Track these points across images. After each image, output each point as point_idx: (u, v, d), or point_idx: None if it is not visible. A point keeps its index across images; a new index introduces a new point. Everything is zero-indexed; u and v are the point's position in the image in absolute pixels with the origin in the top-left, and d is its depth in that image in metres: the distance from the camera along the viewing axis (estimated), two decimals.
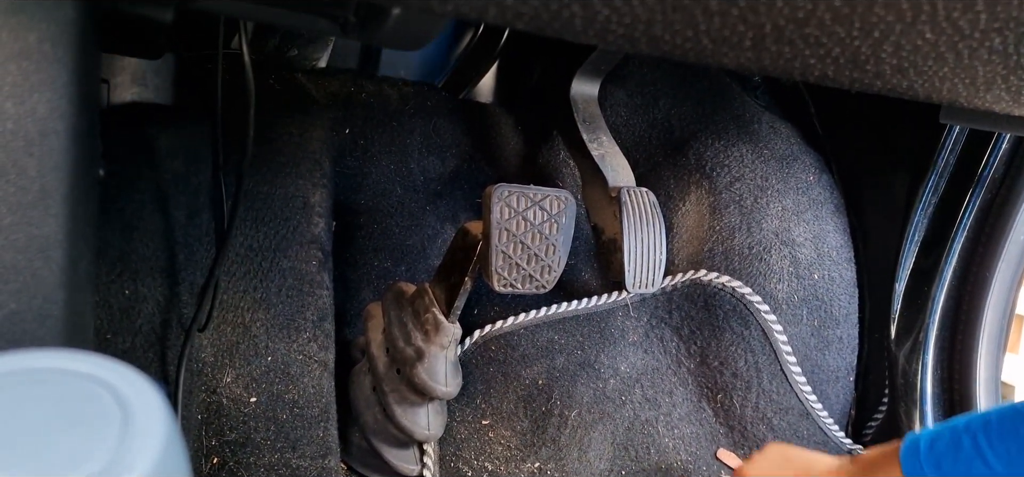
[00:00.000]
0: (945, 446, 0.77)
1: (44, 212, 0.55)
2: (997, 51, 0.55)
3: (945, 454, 0.76)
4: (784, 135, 1.27)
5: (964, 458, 0.75)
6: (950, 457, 0.76)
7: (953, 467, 0.76)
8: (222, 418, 0.97)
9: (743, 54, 0.54)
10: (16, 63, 0.51)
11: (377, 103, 1.37)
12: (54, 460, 0.41)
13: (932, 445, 0.78)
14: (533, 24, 0.49)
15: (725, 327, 1.13)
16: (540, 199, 0.88)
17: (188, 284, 1.01)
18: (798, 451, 0.97)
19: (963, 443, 0.75)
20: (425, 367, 0.94)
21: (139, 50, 0.97)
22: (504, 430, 1.09)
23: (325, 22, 0.71)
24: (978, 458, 0.74)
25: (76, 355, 0.47)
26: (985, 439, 0.74)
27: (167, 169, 1.05)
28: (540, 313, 1.16)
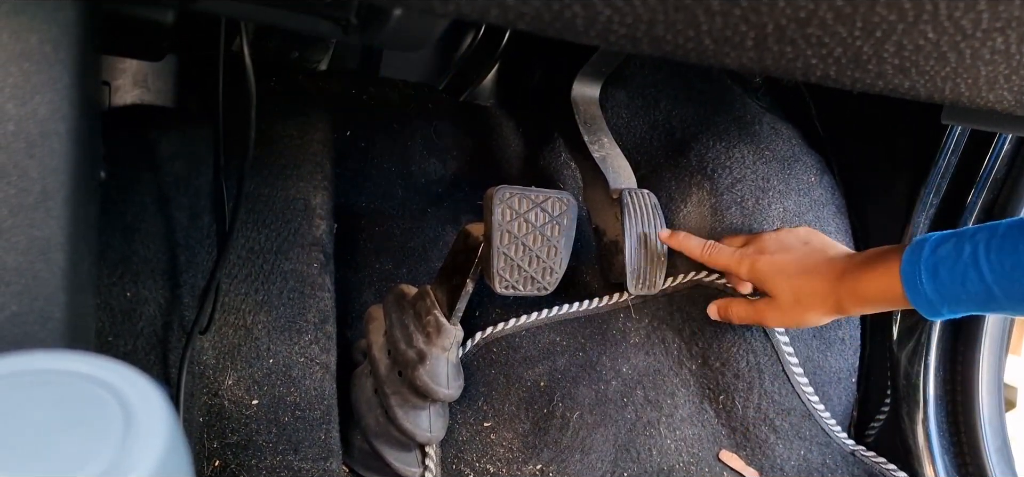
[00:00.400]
0: (948, 251, 0.77)
1: (45, 214, 0.55)
2: (999, 51, 0.55)
3: (944, 260, 0.77)
4: (785, 136, 1.27)
5: (961, 266, 0.75)
6: (948, 264, 0.76)
7: (949, 274, 0.76)
8: (224, 420, 0.97)
9: (745, 54, 0.54)
10: (17, 65, 0.51)
11: (378, 105, 1.37)
12: (56, 462, 0.40)
13: (936, 248, 0.78)
14: (534, 25, 0.49)
15: (726, 328, 1.13)
16: (541, 201, 0.88)
17: (189, 286, 1.01)
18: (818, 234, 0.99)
19: (964, 251, 0.75)
20: (427, 369, 0.94)
21: (140, 52, 0.97)
22: (506, 432, 1.09)
23: (326, 24, 0.71)
24: (973, 267, 0.74)
25: (78, 357, 0.47)
26: (984, 249, 0.74)
27: (168, 171, 1.05)
28: (542, 315, 1.16)
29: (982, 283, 0.73)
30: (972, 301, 0.75)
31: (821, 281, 0.90)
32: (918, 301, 0.80)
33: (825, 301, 0.90)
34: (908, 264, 0.80)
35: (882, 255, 0.85)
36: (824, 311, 0.91)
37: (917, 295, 0.79)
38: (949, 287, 0.76)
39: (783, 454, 1.12)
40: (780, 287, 0.94)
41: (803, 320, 0.94)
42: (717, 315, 1.05)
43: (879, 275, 0.84)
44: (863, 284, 0.86)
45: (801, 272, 0.92)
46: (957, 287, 0.75)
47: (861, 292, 0.86)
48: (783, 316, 0.95)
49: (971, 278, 0.74)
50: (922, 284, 0.78)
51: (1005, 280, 0.72)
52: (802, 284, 0.92)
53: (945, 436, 1.14)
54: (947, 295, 0.77)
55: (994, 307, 0.75)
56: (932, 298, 0.78)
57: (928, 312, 0.80)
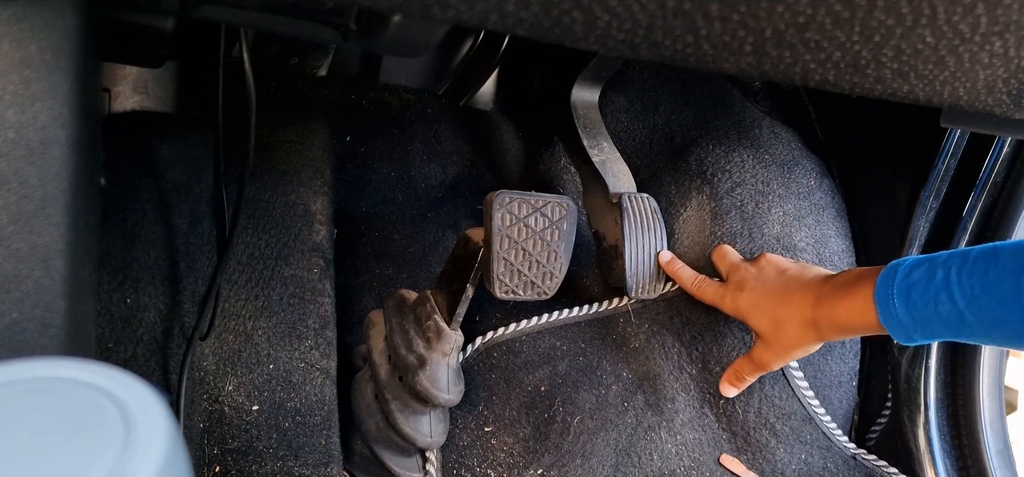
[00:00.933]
0: (921, 276, 0.76)
1: (45, 221, 0.55)
2: (998, 54, 0.55)
3: (917, 284, 0.76)
4: (785, 140, 1.27)
5: (932, 290, 0.74)
6: (920, 288, 0.76)
7: (921, 297, 0.75)
8: (224, 426, 0.97)
9: (743, 59, 0.54)
10: (17, 72, 0.51)
11: (378, 110, 1.37)
12: (56, 469, 0.40)
13: (909, 272, 0.78)
14: (533, 30, 0.50)
15: (727, 332, 1.13)
16: (541, 205, 0.88)
17: (190, 292, 1.01)
18: (789, 262, 0.99)
19: (936, 275, 0.75)
20: (427, 374, 0.94)
21: (140, 59, 0.97)
22: (506, 437, 1.09)
23: (326, 30, 0.71)
24: (945, 291, 0.74)
25: (78, 364, 0.47)
26: (956, 274, 0.73)
27: (168, 177, 1.05)
28: (542, 319, 1.16)
29: (954, 307, 0.73)
30: (944, 325, 0.75)
31: (797, 310, 0.90)
32: (892, 325, 0.79)
33: (805, 331, 0.90)
34: (882, 288, 0.80)
35: (856, 279, 0.85)
36: (808, 340, 0.92)
37: (890, 319, 0.79)
38: (921, 311, 0.76)
39: (784, 458, 1.12)
40: (761, 324, 0.95)
41: (790, 353, 0.95)
42: (732, 389, 1.07)
43: (853, 301, 0.84)
44: (838, 311, 0.86)
45: (778, 305, 0.93)
46: (929, 311, 0.75)
47: (837, 319, 0.86)
48: (774, 353, 0.96)
49: (943, 302, 0.74)
50: (895, 308, 0.78)
51: (975, 305, 0.72)
52: (780, 317, 0.92)
53: (946, 439, 1.14)
54: (919, 319, 0.76)
55: (966, 333, 0.75)
56: (905, 322, 0.78)
57: (901, 337, 0.79)
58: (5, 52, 0.51)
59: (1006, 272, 0.70)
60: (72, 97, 0.54)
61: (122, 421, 0.43)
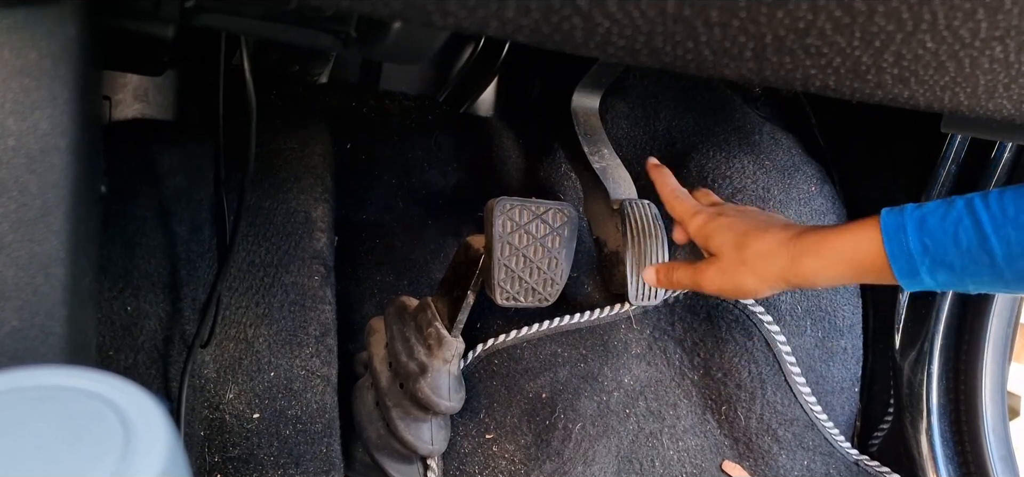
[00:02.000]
0: (935, 205, 0.69)
1: (46, 229, 0.55)
2: (998, 60, 0.55)
3: (933, 212, 0.68)
4: (785, 146, 1.27)
5: (953, 216, 0.67)
6: (938, 216, 0.68)
7: (939, 225, 0.67)
8: (225, 434, 0.96)
9: (744, 65, 0.54)
10: (18, 80, 0.51)
11: (378, 118, 1.38)
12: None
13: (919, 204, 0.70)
14: (533, 37, 0.50)
15: (728, 339, 1.13)
16: (542, 212, 0.88)
17: (190, 300, 1.01)
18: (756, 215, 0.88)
19: (956, 203, 0.67)
20: (428, 381, 0.93)
21: (141, 67, 0.97)
22: (508, 444, 1.09)
23: (326, 37, 0.71)
24: (969, 216, 0.66)
25: (78, 372, 0.47)
26: (981, 201, 0.66)
27: (169, 185, 1.05)
28: (543, 326, 1.16)
29: (978, 233, 0.65)
30: (961, 256, 0.66)
31: (771, 239, 0.79)
32: (898, 257, 0.69)
33: (771, 260, 0.79)
34: (891, 216, 0.71)
35: (849, 225, 0.76)
36: (770, 273, 0.79)
37: (898, 249, 0.69)
38: (938, 238, 0.67)
39: (786, 464, 1.12)
40: (724, 242, 0.83)
41: (742, 283, 0.82)
42: (655, 280, 0.93)
43: (846, 236, 0.74)
44: (825, 242, 0.76)
45: (751, 227, 0.82)
46: (947, 240, 0.67)
47: (821, 250, 0.76)
48: (721, 276, 0.83)
49: (965, 228, 0.66)
50: (906, 236, 0.69)
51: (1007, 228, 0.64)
52: (749, 239, 0.81)
53: (949, 445, 1.14)
54: (932, 249, 0.67)
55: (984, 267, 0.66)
56: (915, 252, 0.68)
57: (905, 272, 0.69)
58: (5, 60, 0.51)
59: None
60: (72, 105, 0.54)
61: (122, 429, 0.43)
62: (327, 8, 0.61)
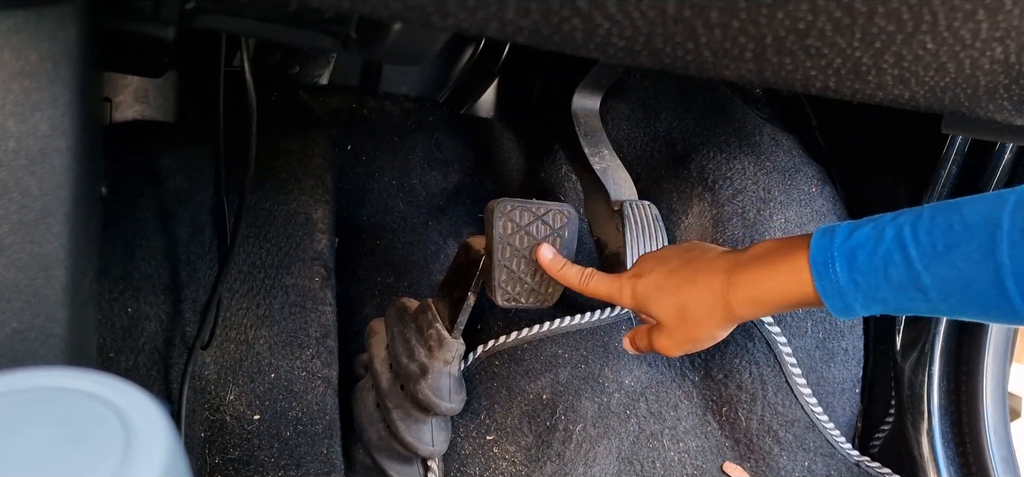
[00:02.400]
0: (867, 236, 0.65)
1: (46, 231, 0.55)
2: (999, 60, 0.55)
3: (863, 245, 0.65)
4: (786, 147, 1.27)
5: (882, 251, 0.64)
6: (867, 249, 0.65)
7: (868, 260, 0.64)
8: (226, 436, 0.96)
9: (744, 66, 0.54)
10: (18, 82, 0.51)
11: (379, 119, 1.38)
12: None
13: (852, 233, 0.67)
14: (534, 38, 0.50)
15: (729, 339, 1.13)
16: (543, 213, 0.88)
17: (191, 301, 1.01)
18: (703, 242, 0.85)
19: (886, 235, 0.64)
20: (429, 383, 0.93)
21: (141, 68, 0.97)
22: (509, 445, 1.08)
23: (327, 39, 0.72)
24: (898, 251, 0.63)
25: (79, 374, 0.47)
26: (910, 231, 0.63)
27: (169, 187, 1.05)
28: (544, 327, 1.16)
29: (908, 270, 0.62)
30: (893, 292, 0.64)
31: (703, 288, 0.77)
32: (829, 295, 0.68)
33: (712, 311, 0.77)
34: (819, 252, 0.68)
35: (779, 248, 0.73)
36: (716, 323, 0.78)
37: (828, 287, 0.67)
38: (867, 275, 0.65)
39: (787, 466, 1.12)
40: (662, 307, 0.81)
41: (695, 339, 0.80)
42: (631, 348, 0.91)
43: (776, 270, 0.72)
44: (759, 283, 0.73)
45: (681, 284, 0.80)
46: (877, 275, 0.64)
47: (756, 293, 0.74)
48: (672, 340, 0.82)
49: (895, 263, 0.63)
50: (835, 274, 0.67)
51: (935, 265, 0.61)
52: (684, 297, 0.79)
53: (950, 446, 1.14)
54: (864, 285, 0.65)
55: (917, 301, 0.64)
56: (846, 290, 0.66)
57: (838, 308, 0.68)
58: (6, 62, 0.51)
59: (976, 226, 0.60)
60: (73, 107, 0.54)
61: (123, 431, 0.43)
62: (327, 9, 0.61)
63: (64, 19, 0.52)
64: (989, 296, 0.60)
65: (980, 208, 0.60)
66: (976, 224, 0.60)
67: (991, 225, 0.59)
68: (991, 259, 0.59)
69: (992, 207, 0.60)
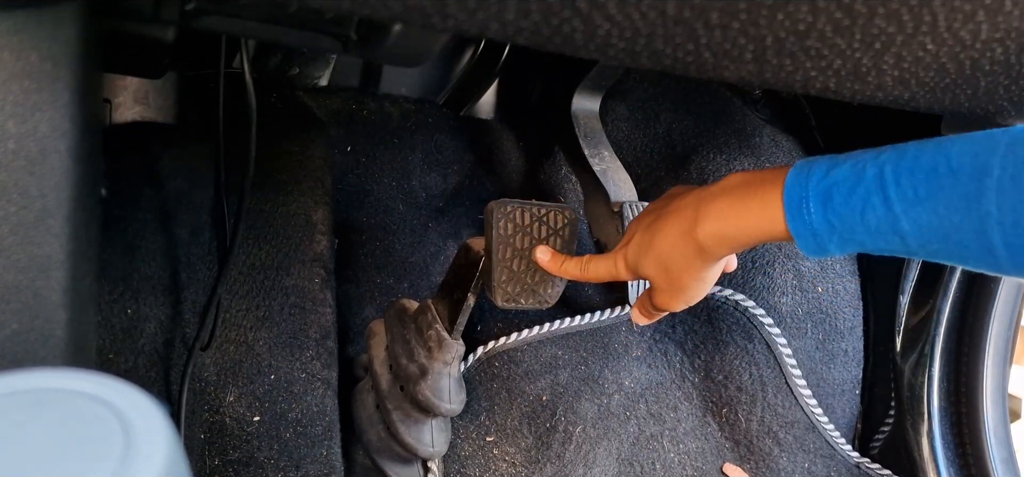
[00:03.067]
0: (845, 175, 0.62)
1: (46, 232, 0.55)
2: (998, 61, 0.55)
3: (840, 185, 0.62)
4: (786, 148, 1.27)
5: (861, 192, 0.60)
6: (845, 190, 0.61)
7: (845, 202, 0.61)
8: (225, 437, 0.96)
9: (744, 67, 0.54)
10: (18, 83, 0.51)
11: (378, 120, 1.38)
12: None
13: (829, 171, 0.63)
14: (534, 40, 0.50)
15: (729, 341, 1.13)
16: (542, 214, 0.88)
17: (190, 303, 1.00)
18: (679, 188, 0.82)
19: (866, 175, 0.61)
20: (429, 384, 0.93)
21: (141, 70, 0.97)
22: (508, 446, 1.08)
23: (327, 40, 0.72)
24: (878, 193, 0.60)
25: (78, 375, 0.47)
26: (892, 173, 0.59)
27: (169, 188, 1.05)
28: (543, 329, 1.16)
29: (888, 213, 0.59)
30: (869, 235, 0.61)
31: (673, 229, 0.74)
32: (802, 234, 0.64)
33: (685, 252, 0.73)
34: (793, 189, 0.64)
35: (751, 181, 0.69)
36: (694, 266, 0.74)
37: (802, 227, 0.64)
38: (844, 217, 0.61)
39: (787, 467, 1.12)
40: (647, 263, 0.77)
41: (682, 286, 0.77)
42: (639, 318, 0.88)
43: (747, 204, 0.68)
44: (726, 217, 0.69)
45: (655, 233, 0.76)
46: (854, 218, 0.61)
47: (723, 228, 0.69)
48: (665, 294, 0.79)
49: (873, 207, 0.59)
50: (809, 214, 0.63)
51: (916, 210, 0.58)
52: (659, 245, 0.75)
53: (950, 448, 1.14)
54: (839, 228, 0.62)
55: (894, 244, 0.61)
56: (820, 231, 0.63)
57: (811, 248, 0.64)
58: (5, 62, 0.51)
59: (962, 170, 0.56)
60: (73, 108, 0.54)
61: (122, 432, 0.43)
62: (327, 11, 0.61)
63: (64, 20, 0.52)
64: (971, 246, 0.57)
65: (968, 150, 0.57)
66: (962, 168, 0.56)
67: (979, 171, 0.55)
68: (976, 207, 0.55)
69: (981, 150, 0.56)
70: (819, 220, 0.63)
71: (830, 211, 0.62)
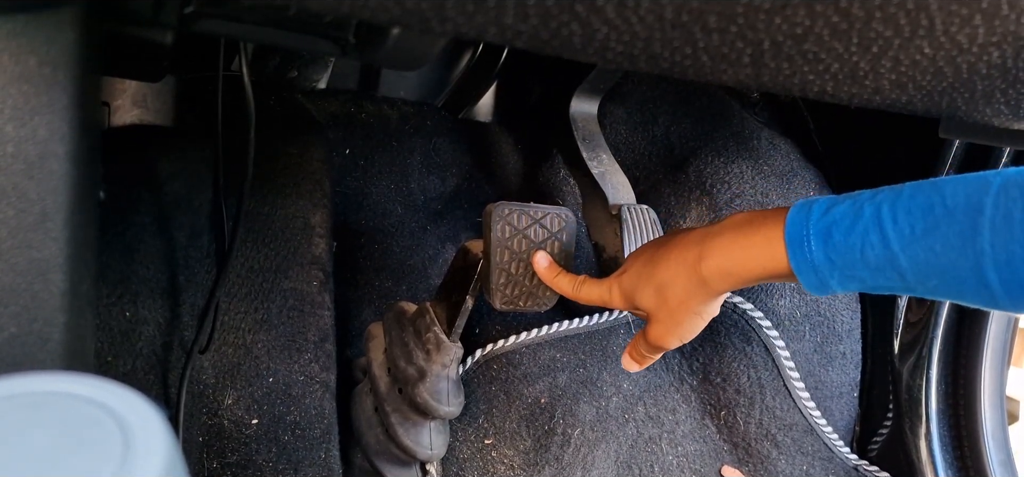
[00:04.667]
0: (844, 213, 0.64)
1: (44, 235, 0.55)
2: (995, 65, 0.55)
3: (839, 222, 0.64)
4: (783, 151, 1.27)
5: (859, 230, 0.62)
6: (844, 227, 0.63)
7: (845, 239, 0.63)
8: (223, 440, 0.96)
9: (742, 71, 0.54)
10: (17, 86, 0.51)
11: (377, 123, 1.38)
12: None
13: (829, 209, 0.65)
14: (532, 43, 0.50)
15: (727, 343, 1.13)
16: (541, 217, 0.88)
17: (189, 306, 1.00)
18: (678, 229, 0.81)
19: (864, 213, 0.63)
20: (427, 386, 0.93)
21: (140, 73, 0.97)
22: (507, 449, 1.08)
23: (325, 43, 0.72)
24: (876, 230, 0.62)
25: (76, 378, 0.47)
26: (889, 211, 0.61)
27: (168, 191, 1.05)
28: (542, 331, 1.16)
29: (886, 250, 0.61)
30: (869, 271, 0.63)
31: (676, 263, 0.75)
32: (803, 271, 0.66)
33: (687, 286, 0.75)
34: (794, 227, 0.66)
35: (753, 220, 0.71)
36: (694, 300, 0.75)
37: (803, 263, 0.66)
38: (844, 254, 0.63)
39: (785, 469, 1.12)
40: (644, 295, 0.79)
41: (679, 321, 0.78)
42: (631, 364, 0.89)
43: (750, 241, 0.70)
44: (731, 254, 0.71)
45: (656, 266, 0.77)
46: (854, 254, 0.63)
47: (730, 265, 0.71)
48: (665, 328, 0.79)
49: (872, 243, 0.61)
50: (810, 251, 0.65)
51: (914, 247, 0.60)
52: (660, 278, 0.76)
53: (948, 450, 1.14)
54: (840, 263, 0.64)
55: (894, 281, 0.62)
56: (821, 267, 0.65)
57: (813, 284, 0.66)
58: (4, 66, 0.51)
59: (957, 209, 0.58)
60: (71, 111, 0.54)
61: (121, 435, 0.43)
62: (326, 14, 0.61)
63: (62, 23, 0.52)
64: (968, 282, 0.58)
65: (962, 190, 0.59)
66: (957, 207, 0.58)
67: (973, 210, 0.57)
68: (971, 245, 0.57)
69: (974, 190, 0.58)
70: (820, 256, 0.65)
71: (830, 248, 0.64)
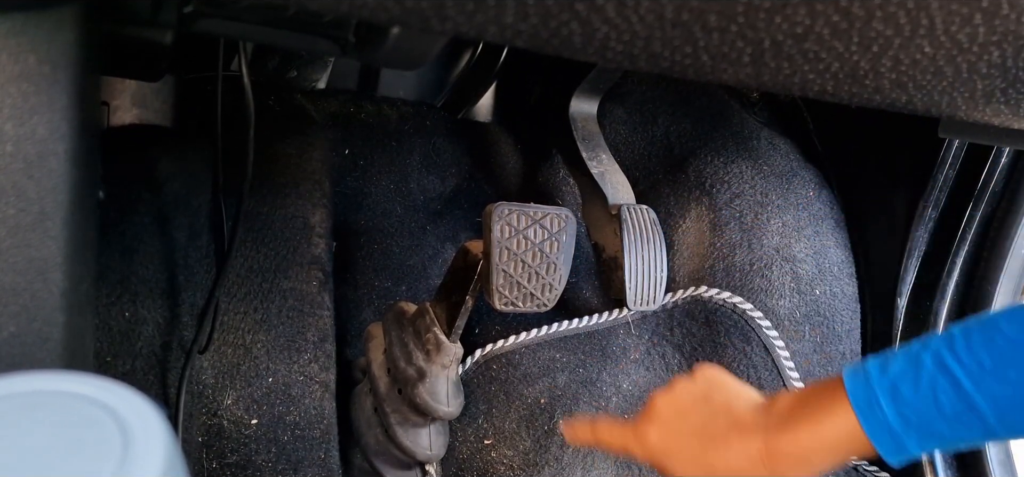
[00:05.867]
0: (903, 367, 0.61)
1: (43, 234, 0.55)
2: (995, 64, 0.55)
3: (903, 377, 0.61)
4: (783, 151, 1.27)
5: (925, 381, 0.59)
6: (909, 380, 0.60)
7: (913, 392, 0.60)
8: (223, 440, 0.96)
9: (742, 70, 0.54)
10: (16, 85, 0.51)
11: (376, 123, 1.38)
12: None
13: (884, 368, 0.62)
14: (532, 42, 0.50)
15: (727, 344, 1.13)
16: (540, 217, 0.88)
17: (188, 306, 1.00)
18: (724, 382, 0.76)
19: (924, 363, 0.60)
20: (427, 387, 0.93)
21: (139, 72, 0.97)
22: (506, 449, 1.08)
23: (325, 43, 0.72)
24: (944, 375, 0.59)
25: (76, 378, 0.47)
26: (949, 352, 0.59)
27: (167, 191, 1.05)
28: (541, 332, 1.15)
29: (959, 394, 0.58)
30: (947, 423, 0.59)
31: (738, 457, 0.69)
32: (879, 436, 0.62)
33: None
34: (858, 392, 0.63)
35: (811, 398, 0.67)
36: None
37: (878, 428, 0.62)
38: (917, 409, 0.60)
39: None
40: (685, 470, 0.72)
41: None
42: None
43: (817, 420, 0.66)
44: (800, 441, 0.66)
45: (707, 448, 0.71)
46: (927, 406, 0.60)
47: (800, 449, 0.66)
48: None
49: (943, 389, 0.59)
50: (882, 412, 0.61)
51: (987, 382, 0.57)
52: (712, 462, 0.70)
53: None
54: (915, 421, 0.60)
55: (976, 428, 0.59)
56: (895, 427, 0.61)
57: (891, 450, 0.62)
58: (4, 65, 0.51)
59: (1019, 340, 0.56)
60: (71, 110, 0.54)
61: (120, 435, 0.43)
62: (326, 14, 0.61)
63: (62, 23, 0.52)
64: None
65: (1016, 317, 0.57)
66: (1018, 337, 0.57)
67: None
68: None
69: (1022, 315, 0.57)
70: (893, 416, 0.61)
71: (901, 404, 0.61)
